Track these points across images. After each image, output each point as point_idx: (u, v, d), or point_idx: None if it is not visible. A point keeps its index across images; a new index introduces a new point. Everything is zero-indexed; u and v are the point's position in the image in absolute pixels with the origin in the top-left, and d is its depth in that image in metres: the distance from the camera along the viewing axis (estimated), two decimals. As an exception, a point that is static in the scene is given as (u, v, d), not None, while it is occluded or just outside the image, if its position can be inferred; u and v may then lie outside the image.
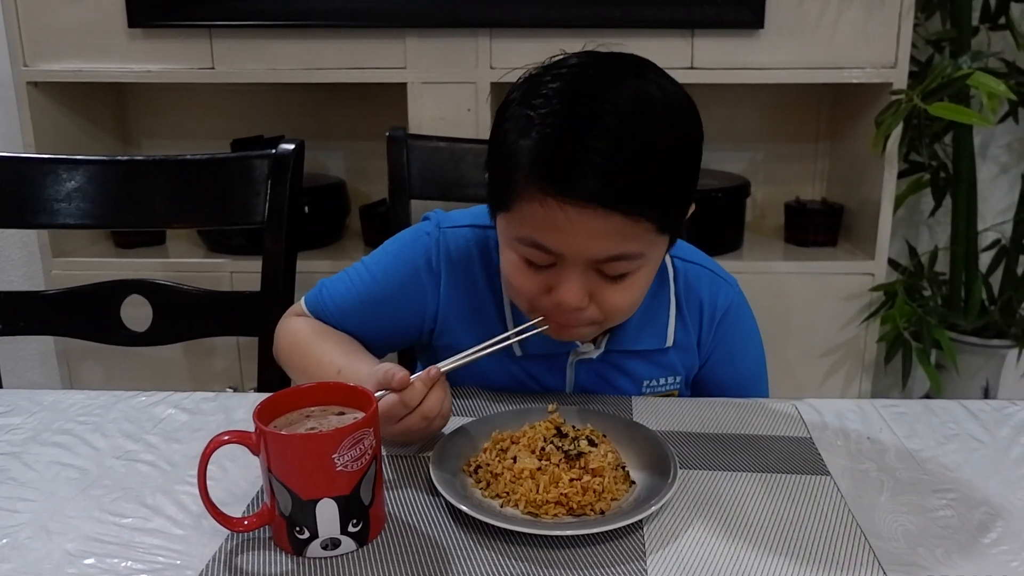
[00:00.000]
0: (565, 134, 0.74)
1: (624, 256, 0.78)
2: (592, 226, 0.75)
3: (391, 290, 0.94)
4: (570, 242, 0.77)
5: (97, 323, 1.21)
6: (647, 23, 1.62)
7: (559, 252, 0.78)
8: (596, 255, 0.78)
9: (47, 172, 1.19)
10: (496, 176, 0.81)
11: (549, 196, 0.75)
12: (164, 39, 1.68)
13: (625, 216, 0.75)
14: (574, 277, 0.79)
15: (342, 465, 0.63)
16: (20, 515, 0.71)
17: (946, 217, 1.92)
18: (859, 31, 1.62)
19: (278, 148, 1.18)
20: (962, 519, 0.70)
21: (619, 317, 0.85)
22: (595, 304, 0.81)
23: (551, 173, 0.74)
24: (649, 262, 0.82)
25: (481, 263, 0.93)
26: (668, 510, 0.71)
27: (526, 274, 0.82)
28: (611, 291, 0.80)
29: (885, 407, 0.91)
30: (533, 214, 0.77)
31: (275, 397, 0.69)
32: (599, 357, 0.93)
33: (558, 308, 0.81)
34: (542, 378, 0.95)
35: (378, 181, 1.96)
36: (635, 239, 0.77)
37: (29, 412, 0.91)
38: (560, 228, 0.76)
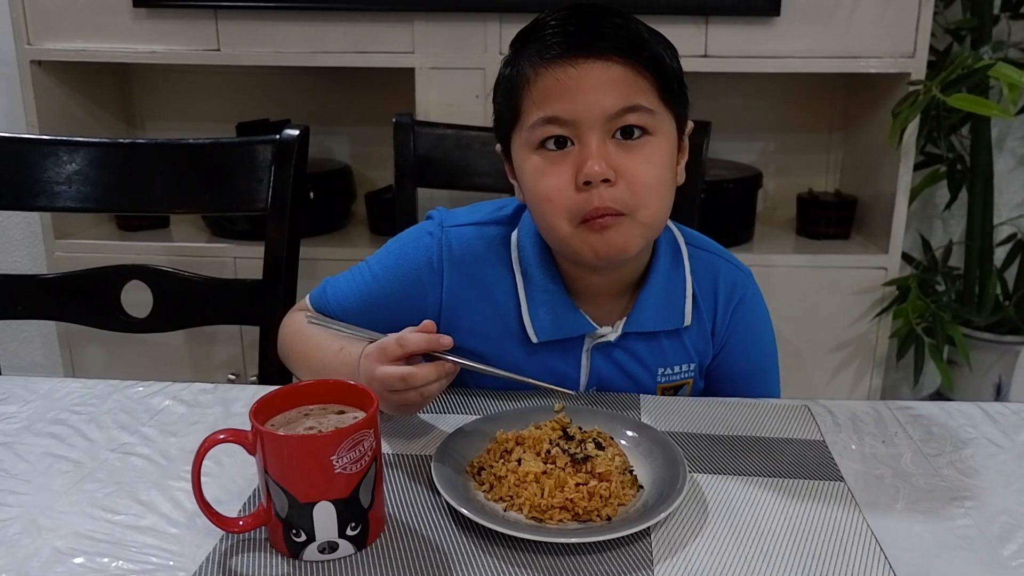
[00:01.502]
0: (559, 24, 0.81)
1: (635, 107, 0.79)
2: (597, 78, 0.78)
3: (393, 290, 0.93)
4: (579, 101, 0.79)
5: (97, 308, 1.19)
6: (659, 9, 1.58)
7: (572, 118, 0.79)
8: (608, 108, 0.79)
9: (47, 154, 1.16)
10: (503, 100, 0.85)
11: (547, 64, 0.79)
12: (169, 20, 1.65)
13: (626, 65, 0.79)
14: (594, 144, 0.79)
15: (341, 467, 0.61)
16: (10, 509, 0.70)
17: (961, 211, 1.88)
18: (877, 19, 1.58)
19: (282, 133, 1.15)
20: (980, 529, 0.68)
21: (650, 197, 0.82)
22: (623, 182, 0.80)
23: (550, 43, 0.80)
24: (663, 134, 0.83)
25: (486, 259, 0.92)
26: (677, 516, 0.68)
27: (551, 172, 0.81)
28: (634, 162, 0.80)
29: (900, 409, 0.89)
30: (540, 92, 0.80)
31: (272, 394, 0.66)
32: (616, 340, 0.91)
33: (587, 196, 0.80)
34: (557, 367, 0.92)
35: (384, 167, 1.94)
36: (642, 93, 0.80)
37: (24, 400, 0.90)
38: (568, 90, 0.79)
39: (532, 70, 0.81)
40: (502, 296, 0.91)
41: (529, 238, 0.91)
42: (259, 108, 1.93)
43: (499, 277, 0.92)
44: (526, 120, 0.82)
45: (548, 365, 0.92)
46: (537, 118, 0.81)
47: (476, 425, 0.79)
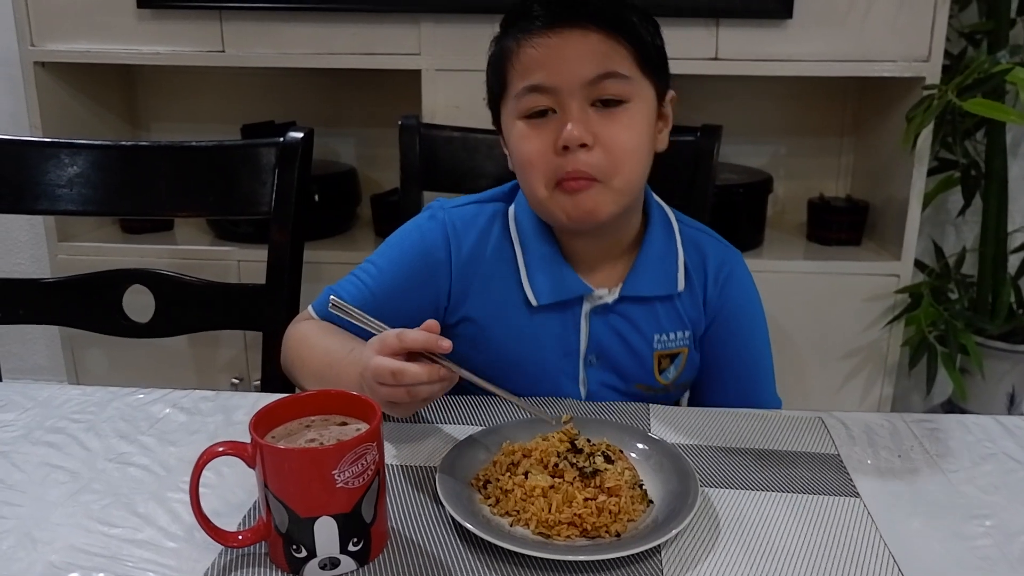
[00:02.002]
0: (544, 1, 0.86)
1: (612, 74, 0.83)
2: (575, 47, 0.83)
3: (403, 278, 0.95)
4: (559, 69, 0.83)
5: (98, 313, 1.17)
6: (670, 11, 1.56)
7: (553, 86, 0.83)
8: (586, 75, 0.83)
9: (48, 156, 1.15)
10: (493, 74, 0.90)
11: (530, 35, 0.84)
12: (173, 21, 1.64)
13: (603, 34, 0.83)
14: (574, 110, 0.83)
15: (343, 482, 0.59)
16: (6, 521, 0.68)
17: (974, 217, 1.86)
18: (891, 22, 1.56)
19: (286, 136, 1.14)
20: (1001, 549, 0.66)
21: (625, 163, 0.85)
22: (600, 147, 0.84)
23: (527, 18, 0.85)
24: (641, 100, 0.86)
25: (486, 232, 0.96)
26: (688, 533, 0.66)
27: (533, 138, 0.86)
28: (611, 128, 0.84)
29: (916, 422, 0.87)
30: (523, 63, 0.85)
31: (274, 405, 0.65)
32: (613, 305, 0.93)
33: (566, 158, 0.84)
34: (557, 331, 0.94)
35: (390, 169, 1.92)
36: (619, 61, 0.84)
37: (23, 408, 0.88)
38: (548, 60, 0.83)
39: (516, 43, 0.86)
40: (504, 265, 0.94)
41: (525, 210, 0.95)
42: (264, 110, 1.92)
43: (499, 248, 0.95)
44: (512, 90, 0.87)
45: (549, 329, 0.94)
46: (521, 87, 0.85)
47: (482, 436, 0.77)
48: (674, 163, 1.21)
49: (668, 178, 1.19)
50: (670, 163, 1.21)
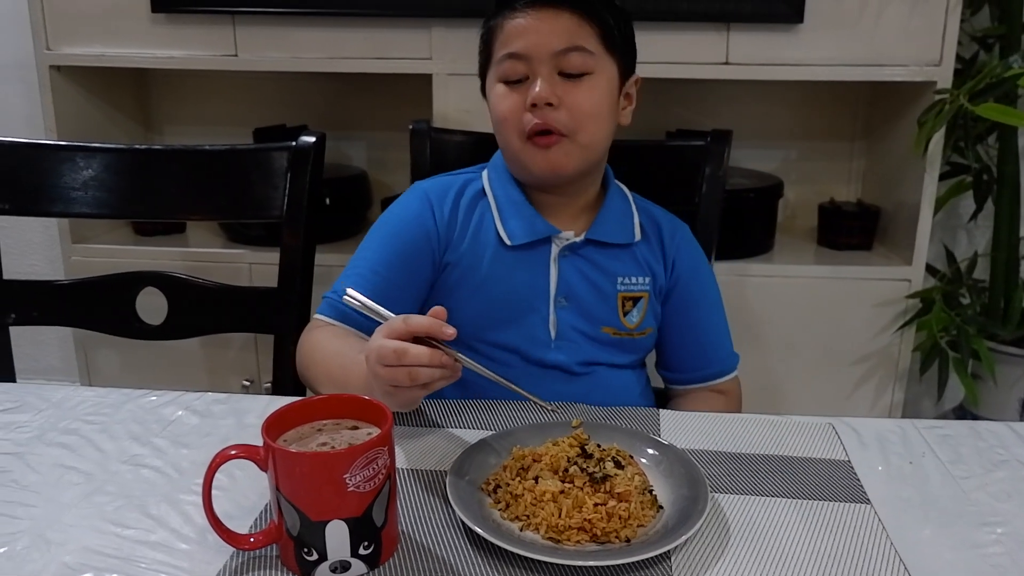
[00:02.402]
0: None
1: (578, 48, 0.97)
2: (546, 22, 0.97)
3: (402, 247, 1.03)
4: (532, 40, 0.97)
5: (112, 315, 1.18)
6: (680, 16, 1.56)
7: (526, 53, 0.97)
8: (555, 46, 0.96)
9: (63, 159, 1.16)
10: (482, 49, 1.04)
11: (512, 12, 0.98)
12: (187, 25, 1.65)
13: (571, 13, 0.97)
14: (544, 75, 0.97)
15: (354, 486, 0.59)
16: (20, 522, 0.69)
17: (986, 222, 1.85)
18: (903, 27, 1.55)
19: (298, 141, 1.14)
20: (1013, 557, 0.66)
21: (587, 123, 0.98)
22: (564, 108, 0.97)
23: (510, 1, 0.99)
24: (603, 73, 0.99)
25: (462, 194, 1.06)
26: (698, 539, 0.67)
27: (508, 97, 0.99)
28: (575, 92, 0.97)
29: (928, 428, 0.86)
30: (505, 35, 0.99)
31: (285, 409, 0.65)
32: (580, 248, 1.03)
33: (536, 114, 0.96)
34: (529, 272, 1.03)
35: (401, 173, 1.93)
36: (584, 38, 0.97)
37: (37, 409, 0.89)
38: (524, 31, 0.97)
39: (501, 19, 1.00)
40: (479, 218, 1.05)
41: (497, 170, 1.07)
42: (276, 113, 1.93)
43: (475, 203, 1.06)
44: (495, 58, 1.01)
45: (522, 271, 1.03)
46: (501, 55, 0.99)
47: (492, 440, 0.77)
48: (685, 167, 1.21)
49: (679, 182, 1.20)
50: (681, 167, 1.22)
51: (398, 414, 0.88)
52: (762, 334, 1.67)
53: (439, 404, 0.91)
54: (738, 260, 1.69)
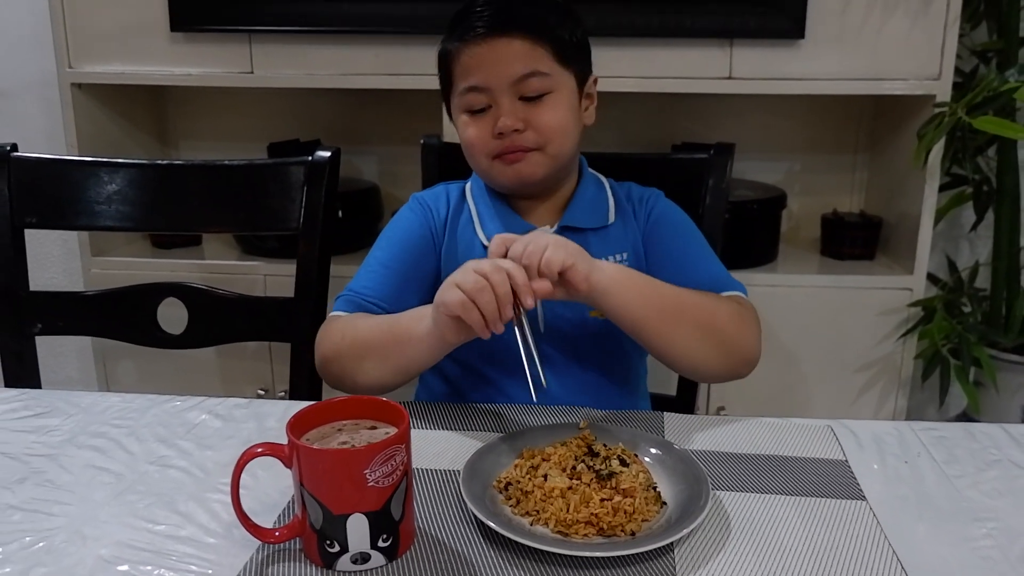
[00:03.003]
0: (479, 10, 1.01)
1: (535, 72, 0.99)
2: (502, 51, 0.99)
3: (412, 245, 1.08)
4: (490, 71, 0.99)
5: (134, 325, 1.22)
6: (685, 32, 1.60)
7: (486, 85, 1.00)
8: (513, 75, 0.99)
9: (88, 175, 1.20)
10: (441, 74, 1.08)
11: (466, 43, 1.00)
12: (205, 43, 1.70)
13: (524, 39, 0.99)
14: (506, 105, 1.00)
15: (374, 481, 0.63)
16: (56, 519, 0.72)
17: (987, 231, 1.88)
18: (902, 41, 1.59)
19: (314, 155, 1.18)
20: (1003, 551, 0.69)
21: (554, 136, 1.02)
22: (531, 128, 1.01)
23: (464, 27, 1.01)
24: (562, 88, 1.02)
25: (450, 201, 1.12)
26: (700, 533, 0.70)
27: (475, 126, 1.03)
28: (538, 112, 1.01)
29: (923, 430, 0.89)
30: (462, 67, 1.01)
31: (308, 410, 0.69)
32: (556, 231, 1.05)
33: (503, 140, 1.01)
34: None
35: (411, 186, 1.95)
36: (539, 61, 1.00)
37: (67, 414, 0.93)
38: (481, 63, 1.00)
39: (456, 49, 1.02)
40: (464, 223, 1.10)
41: (478, 180, 1.12)
42: (289, 128, 1.97)
43: (459, 210, 1.11)
44: (456, 88, 1.04)
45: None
46: (462, 87, 1.02)
47: (503, 442, 0.81)
48: (689, 179, 1.25)
49: (683, 194, 1.23)
50: (685, 179, 1.26)
51: (412, 417, 0.91)
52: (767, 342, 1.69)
53: (452, 408, 0.95)
54: (743, 270, 1.72)
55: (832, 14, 1.58)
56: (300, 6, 1.66)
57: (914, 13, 1.57)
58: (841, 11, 1.58)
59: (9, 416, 0.92)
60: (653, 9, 1.60)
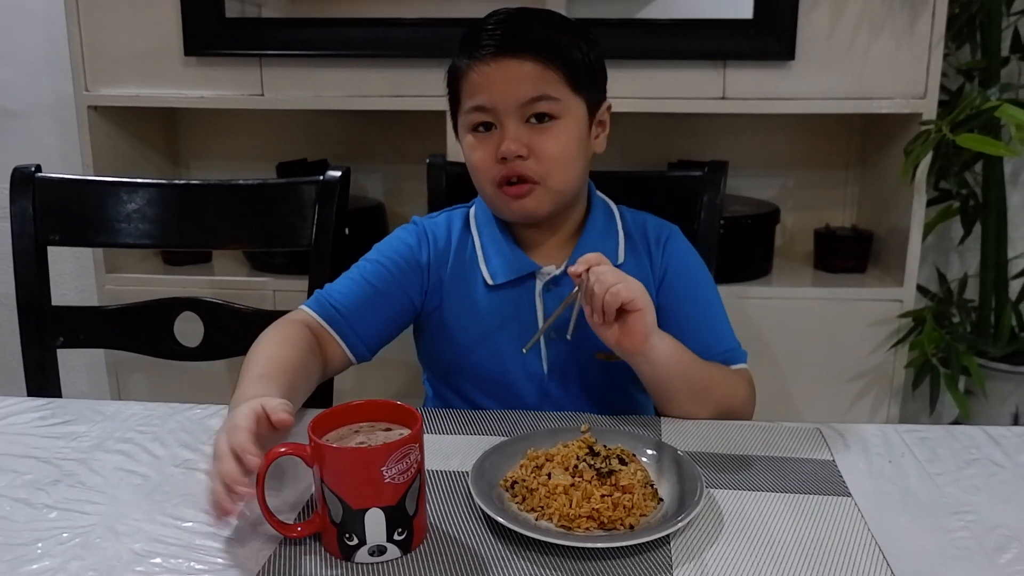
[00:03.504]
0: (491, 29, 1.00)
1: (544, 96, 0.98)
2: (511, 72, 0.98)
3: (395, 265, 1.08)
4: (497, 92, 0.98)
5: (151, 338, 1.27)
6: (680, 54, 1.66)
7: (493, 106, 0.99)
8: (520, 98, 0.98)
9: (109, 194, 1.26)
10: (450, 91, 1.06)
11: (476, 61, 0.99)
12: (217, 67, 1.76)
13: (535, 62, 0.97)
14: (511, 128, 0.99)
15: (390, 477, 0.68)
16: (90, 517, 0.77)
17: (976, 244, 1.93)
18: (889, 62, 1.65)
19: (326, 175, 1.24)
20: (979, 540, 0.73)
21: (556, 168, 1.00)
22: (534, 156, 0.99)
23: (475, 44, 0.99)
24: (570, 116, 1.01)
25: (453, 231, 1.12)
26: (694, 526, 0.74)
27: (479, 148, 1.02)
28: (543, 139, 0.99)
29: (908, 432, 0.94)
30: (470, 85, 1.00)
31: (327, 413, 0.74)
32: (562, 275, 1.05)
33: (505, 165, 0.99)
34: (514, 307, 1.07)
35: (416, 204, 2.02)
36: (549, 84, 0.98)
37: (93, 421, 0.98)
38: (489, 83, 0.98)
39: (465, 67, 1.01)
40: (467, 257, 1.09)
41: (483, 207, 1.11)
42: (297, 148, 2.03)
43: (464, 242, 1.10)
44: (463, 107, 1.03)
45: (507, 308, 1.07)
46: (469, 106, 1.01)
47: (509, 444, 0.85)
48: (684, 196, 1.30)
49: (678, 210, 1.28)
50: (680, 196, 1.31)
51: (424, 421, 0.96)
52: (761, 353, 1.75)
53: (461, 414, 1.00)
54: (738, 283, 1.77)
55: (821, 36, 1.65)
56: (309, 31, 1.72)
57: (900, 34, 1.63)
58: (829, 33, 1.65)
59: (39, 423, 0.97)
60: (650, 32, 1.67)
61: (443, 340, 1.09)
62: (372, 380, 1.70)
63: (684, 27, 1.67)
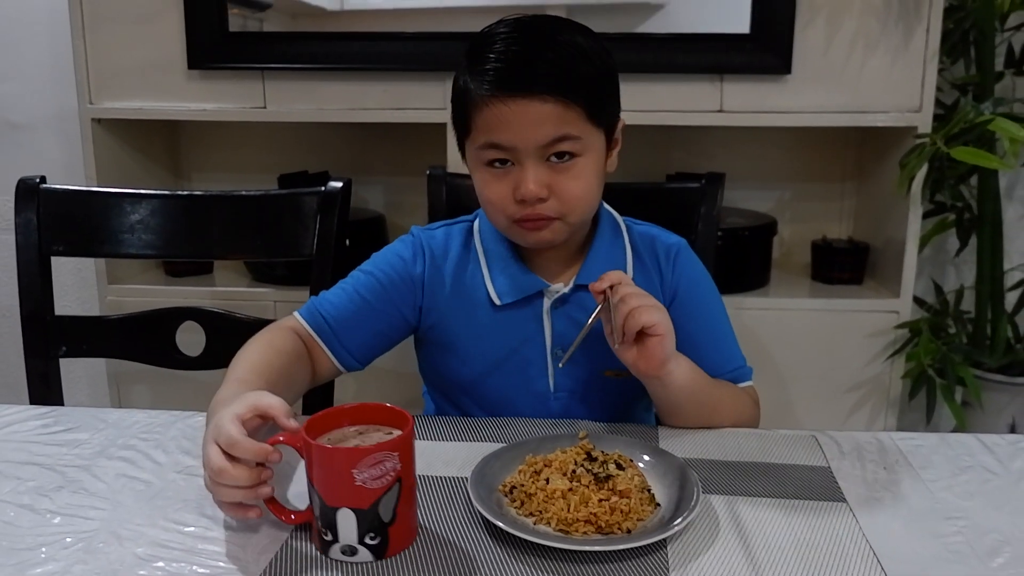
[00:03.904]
0: (503, 51, 0.93)
1: (566, 137, 0.93)
2: (532, 114, 0.92)
3: (387, 279, 1.06)
4: (517, 133, 0.93)
5: (153, 348, 1.28)
6: (678, 68, 1.68)
7: (512, 146, 0.94)
8: (541, 139, 0.93)
9: (113, 205, 1.27)
10: (457, 112, 1.00)
11: (495, 97, 0.92)
12: (220, 80, 1.78)
13: (556, 101, 0.91)
14: (530, 168, 0.94)
15: (361, 481, 0.68)
16: (93, 522, 0.78)
17: (972, 256, 1.94)
18: (884, 76, 1.67)
19: (327, 186, 1.25)
20: (972, 545, 0.74)
21: (577, 206, 0.97)
22: (554, 197, 0.95)
23: (493, 79, 0.92)
24: (591, 150, 0.97)
25: (454, 248, 1.08)
26: (691, 531, 0.75)
27: (495, 184, 0.97)
28: (564, 180, 0.95)
29: (902, 439, 0.95)
30: (485, 120, 0.94)
31: (333, 410, 0.76)
32: (570, 295, 1.03)
33: (524, 206, 0.95)
34: (522, 327, 1.05)
35: (416, 216, 2.04)
36: (571, 123, 0.93)
37: (95, 429, 0.99)
38: (508, 123, 0.92)
39: (478, 98, 0.94)
40: (470, 274, 1.06)
41: (486, 222, 1.07)
42: (298, 160, 2.05)
43: (466, 259, 1.07)
44: (475, 139, 0.97)
45: (514, 328, 1.05)
46: (482, 142, 0.96)
47: (507, 451, 0.86)
48: (682, 208, 1.32)
49: (675, 221, 1.30)
50: (677, 207, 1.32)
51: (424, 428, 0.97)
52: (760, 364, 1.74)
53: (461, 421, 1.01)
54: (736, 294, 1.79)
55: (817, 51, 1.67)
56: (311, 45, 1.74)
57: (895, 49, 1.65)
58: (825, 48, 1.67)
59: (42, 431, 0.98)
60: (648, 47, 1.69)
61: (446, 358, 1.09)
62: (372, 389, 1.71)
63: (682, 42, 1.69)
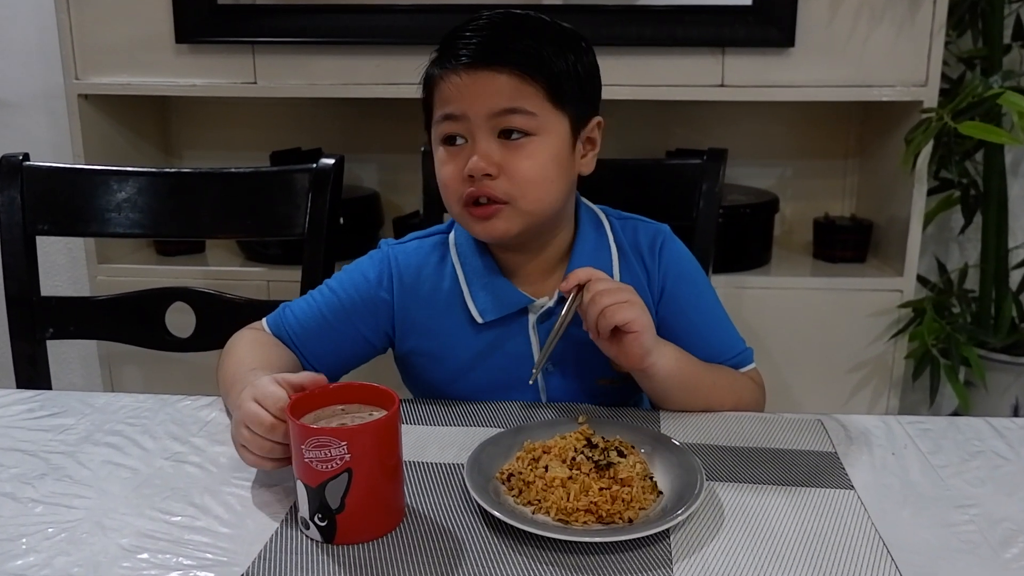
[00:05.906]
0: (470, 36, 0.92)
1: (518, 110, 0.91)
2: (484, 82, 0.90)
3: (349, 300, 1.02)
4: (469, 102, 0.91)
5: (143, 329, 1.25)
6: (678, 41, 1.64)
7: (462, 114, 0.91)
8: (491, 108, 0.90)
9: (99, 183, 1.23)
10: (424, 92, 0.99)
11: (452, 71, 0.92)
12: (209, 55, 1.74)
13: (511, 74, 0.90)
14: (482, 142, 0.91)
15: (309, 459, 0.68)
16: (77, 511, 0.75)
17: (977, 234, 1.91)
18: (890, 49, 1.63)
19: (319, 163, 1.22)
20: (984, 534, 0.72)
21: (528, 190, 0.93)
22: (504, 176, 0.92)
23: (451, 53, 0.92)
24: (548, 133, 0.93)
25: (428, 263, 1.04)
26: (695, 520, 0.73)
27: (449, 164, 0.94)
28: (516, 158, 0.92)
29: (910, 423, 0.93)
30: (441, 94, 0.93)
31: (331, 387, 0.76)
32: (555, 307, 0.99)
33: (473, 183, 0.92)
34: (507, 345, 1.00)
35: (411, 193, 2.01)
36: (526, 98, 0.91)
37: (81, 414, 0.96)
38: (461, 92, 0.91)
39: (439, 75, 0.94)
40: (447, 291, 1.02)
41: (463, 233, 1.02)
42: (291, 137, 2.01)
43: (442, 275, 1.02)
44: (435, 115, 0.96)
45: (500, 345, 1.00)
46: (439, 115, 0.94)
47: (505, 436, 0.84)
48: (682, 185, 1.29)
49: (677, 199, 1.27)
50: (679, 185, 1.29)
51: (416, 412, 0.95)
52: (760, 344, 1.73)
53: (456, 405, 0.98)
54: (737, 273, 1.76)
55: (821, 23, 1.63)
56: (302, 18, 1.70)
57: (900, 22, 1.61)
58: (829, 20, 1.62)
59: (26, 416, 0.95)
60: (648, 20, 1.64)
61: (428, 378, 1.05)
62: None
63: (682, 14, 1.65)
